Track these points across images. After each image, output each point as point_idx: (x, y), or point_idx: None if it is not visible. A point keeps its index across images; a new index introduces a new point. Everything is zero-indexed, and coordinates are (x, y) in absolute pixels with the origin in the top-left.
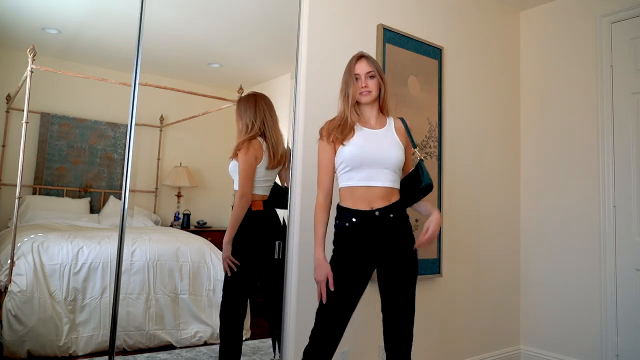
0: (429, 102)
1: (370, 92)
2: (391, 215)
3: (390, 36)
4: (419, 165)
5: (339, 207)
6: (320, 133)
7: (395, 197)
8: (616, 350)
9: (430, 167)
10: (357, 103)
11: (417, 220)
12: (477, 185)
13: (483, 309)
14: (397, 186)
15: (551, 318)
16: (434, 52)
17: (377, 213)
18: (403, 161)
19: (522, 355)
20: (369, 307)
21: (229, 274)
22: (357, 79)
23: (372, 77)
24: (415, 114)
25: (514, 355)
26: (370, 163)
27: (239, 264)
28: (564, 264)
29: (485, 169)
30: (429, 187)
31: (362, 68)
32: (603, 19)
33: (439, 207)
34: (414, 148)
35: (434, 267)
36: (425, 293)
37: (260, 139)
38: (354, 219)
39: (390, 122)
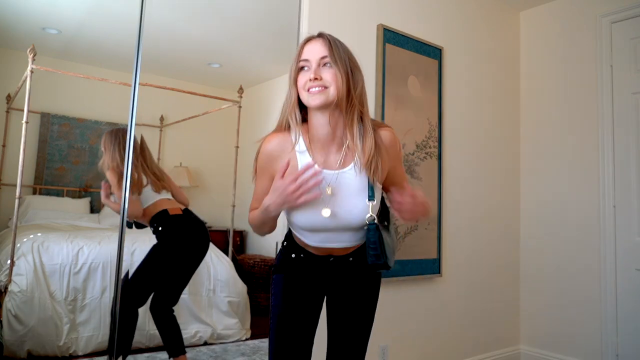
0: (429, 102)
1: (325, 88)
2: (350, 259)
3: (390, 36)
4: (379, 235)
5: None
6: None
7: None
8: (616, 350)
9: (430, 167)
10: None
11: (416, 221)
12: (477, 185)
13: (483, 308)
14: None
15: (551, 318)
16: (434, 52)
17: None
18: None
19: (522, 355)
20: None
21: None
22: (304, 68)
23: (327, 64)
24: (415, 114)
25: (514, 355)
26: (324, 228)
27: None
28: (564, 264)
29: (485, 168)
30: (376, 265)
31: (313, 51)
32: (603, 19)
33: (439, 207)
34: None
35: (434, 267)
36: (425, 293)
37: None
38: (302, 255)
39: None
